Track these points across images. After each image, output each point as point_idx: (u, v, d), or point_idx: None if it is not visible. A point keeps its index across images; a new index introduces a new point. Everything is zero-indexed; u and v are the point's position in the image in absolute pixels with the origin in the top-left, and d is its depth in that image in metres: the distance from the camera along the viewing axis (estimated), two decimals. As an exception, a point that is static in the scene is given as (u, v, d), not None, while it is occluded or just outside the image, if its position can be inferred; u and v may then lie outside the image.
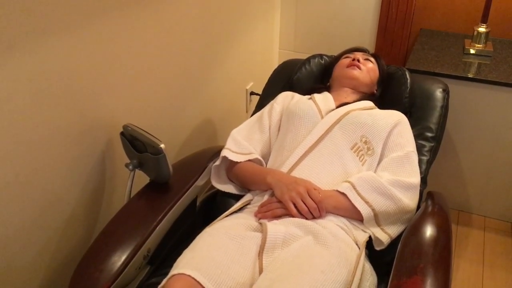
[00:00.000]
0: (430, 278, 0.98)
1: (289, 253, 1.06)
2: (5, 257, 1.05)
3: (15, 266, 1.08)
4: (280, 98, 1.51)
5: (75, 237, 1.25)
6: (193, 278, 0.94)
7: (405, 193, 1.23)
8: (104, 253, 1.05)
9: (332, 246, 1.07)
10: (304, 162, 1.28)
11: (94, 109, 1.22)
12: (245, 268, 1.03)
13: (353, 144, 1.30)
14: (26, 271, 1.11)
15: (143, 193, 1.23)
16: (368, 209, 1.18)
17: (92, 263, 1.04)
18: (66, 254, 1.23)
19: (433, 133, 1.46)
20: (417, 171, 1.29)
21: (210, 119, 1.89)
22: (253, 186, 1.32)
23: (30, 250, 1.11)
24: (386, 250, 1.21)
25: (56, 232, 1.18)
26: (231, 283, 0.98)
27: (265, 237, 1.09)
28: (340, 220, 1.19)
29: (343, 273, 1.01)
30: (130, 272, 1.06)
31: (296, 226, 1.14)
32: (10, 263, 1.06)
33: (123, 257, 1.04)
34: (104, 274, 1.01)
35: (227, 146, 1.39)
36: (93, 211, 1.30)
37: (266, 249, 1.08)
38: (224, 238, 1.07)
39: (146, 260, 1.11)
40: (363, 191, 1.20)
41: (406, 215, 1.23)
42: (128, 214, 1.16)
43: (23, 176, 1.05)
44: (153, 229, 1.12)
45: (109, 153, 1.32)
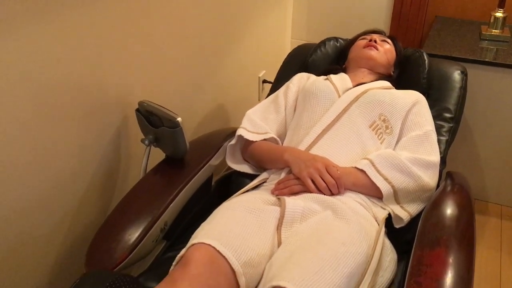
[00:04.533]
0: (454, 250, 0.95)
1: (308, 226, 1.05)
2: (24, 228, 1.04)
3: (34, 237, 1.07)
4: (296, 78, 1.49)
5: (91, 212, 1.24)
6: (213, 247, 0.92)
7: (425, 171, 1.20)
8: (121, 224, 1.04)
9: (351, 220, 1.05)
10: (321, 141, 1.26)
11: (110, 87, 1.21)
12: (264, 240, 1.01)
13: (372, 122, 1.28)
14: (44, 242, 1.10)
15: (159, 169, 1.22)
16: (387, 186, 1.16)
17: (109, 234, 1.03)
18: (82, 227, 1.22)
19: (452, 114, 1.44)
20: (436, 149, 1.26)
21: (222, 105, 1.88)
22: (270, 165, 1.31)
23: (48, 223, 1.10)
24: (406, 228, 1.18)
25: (72, 206, 1.17)
26: (251, 254, 0.96)
27: (284, 210, 1.07)
28: (359, 197, 1.17)
29: (364, 247, 0.99)
30: (147, 244, 1.05)
31: (314, 202, 1.12)
32: (29, 234, 1.05)
33: (140, 228, 1.03)
34: (122, 245, 1.00)
35: (243, 126, 1.37)
36: (109, 187, 1.29)
37: (285, 223, 1.07)
38: (243, 211, 1.06)
39: (163, 233, 1.10)
40: (382, 168, 1.18)
41: (426, 193, 1.20)
42: (145, 188, 1.15)
43: (41, 150, 1.04)
44: (170, 202, 1.11)
45: (124, 131, 1.31)
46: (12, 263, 1.02)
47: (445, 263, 0.92)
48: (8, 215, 0.99)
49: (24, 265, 1.06)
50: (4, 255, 1.00)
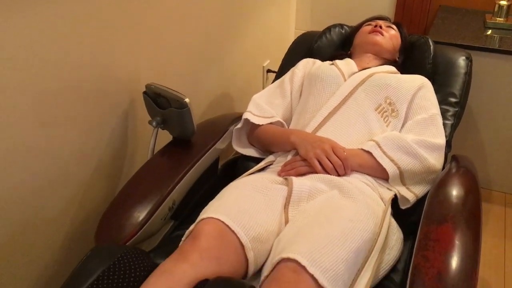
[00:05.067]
0: (461, 226, 0.96)
1: (315, 205, 1.05)
2: (33, 210, 1.05)
3: (43, 219, 1.08)
4: (301, 64, 1.50)
5: (98, 193, 1.25)
6: (222, 221, 0.93)
7: (431, 153, 1.21)
8: (130, 202, 1.05)
9: (358, 199, 1.06)
10: (328, 124, 1.27)
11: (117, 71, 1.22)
12: (271, 218, 1.02)
13: (378, 105, 1.29)
14: (53, 224, 1.11)
15: (166, 150, 1.23)
16: (393, 167, 1.17)
17: (119, 211, 1.04)
18: (90, 209, 1.23)
19: (457, 99, 1.45)
20: (442, 132, 1.27)
21: (227, 94, 1.89)
22: (276, 147, 1.31)
23: (56, 204, 1.11)
24: (411, 210, 1.19)
25: (80, 187, 1.18)
26: (259, 229, 0.97)
27: (291, 190, 1.08)
28: (365, 178, 1.18)
29: (370, 224, 0.99)
30: (156, 222, 1.05)
31: (321, 182, 1.12)
32: (38, 215, 1.06)
33: (149, 206, 1.04)
34: (131, 221, 1.01)
35: (249, 110, 1.38)
36: (116, 169, 1.30)
37: (292, 202, 1.07)
38: (250, 189, 1.06)
39: (171, 212, 1.11)
40: (388, 149, 1.18)
41: (432, 175, 1.21)
42: (153, 168, 1.16)
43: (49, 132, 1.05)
44: (178, 181, 1.12)
45: (131, 114, 1.32)
46: (21, 244, 1.03)
47: (452, 238, 0.93)
48: (16, 197, 1.00)
49: (33, 246, 1.07)
50: (13, 237, 1.01)
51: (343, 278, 0.87)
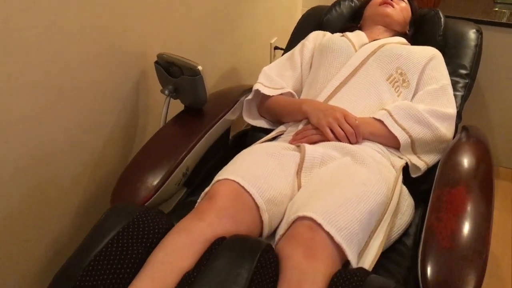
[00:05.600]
0: (474, 190, 0.97)
1: (328, 171, 1.06)
2: (51, 171, 1.06)
3: (58, 183, 1.09)
4: (311, 36, 1.50)
5: (112, 160, 1.26)
6: (237, 183, 0.94)
7: (442, 123, 1.21)
8: (145, 167, 1.06)
9: (370, 165, 1.06)
10: (339, 94, 1.27)
11: (127, 41, 1.22)
12: (285, 182, 1.03)
13: (389, 75, 1.29)
14: (68, 188, 1.12)
15: (178, 118, 1.23)
16: (405, 135, 1.17)
17: (134, 175, 1.05)
18: (105, 175, 1.24)
19: (467, 71, 1.45)
20: (453, 102, 1.27)
21: (235, 69, 1.89)
22: (287, 118, 1.32)
23: (71, 168, 1.12)
24: (422, 178, 1.20)
25: (93, 155, 1.18)
26: (274, 192, 0.98)
27: (303, 156, 1.09)
28: (376, 146, 1.19)
29: (383, 188, 1.00)
30: (170, 187, 1.06)
31: (333, 149, 1.13)
32: (53, 179, 1.07)
33: (164, 171, 1.05)
34: (146, 185, 1.02)
35: (259, 81, 1.38)
36: (128, 138, 1.31)
37: (304, 168, 1.08)
38: (263, 155, 1.07)
39: (185, 178, 1.12)
40: (399, 118, 1.19)
41: (442, 144, 1.22)
42: (166, 135, 1.17)
43: (65, 97, 1.05)
44: (191, 148, 1.13)
45: (142, 85, 1.32)
46: (37, 208, 1.04)
47: (465, 200, 0.94)
48: (32, 161, 1.01)
49: (48, 210, 1.08)
50: (29, 200, 1.02)
51: (357, 238, 0.88)
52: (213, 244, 0.83)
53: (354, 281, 0.74)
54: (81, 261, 0.78)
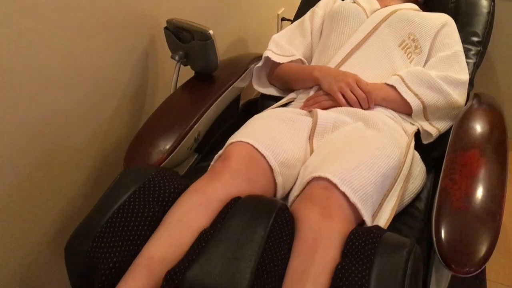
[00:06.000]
0: (488, 153, 0.96)
1: (340, 135, 1.06)
2: (64, 133, 1.06)
3: (69, 147, 1.09)
4: (322, 3, 1.48)
5: (122, 126, 1.25)
6: (251, 145, 0.94)
7: (454, 89, 1.20)
8: (157, 131, 1.06)
9: (383, 130, 1.06)
10: (350, 60, 1.26)
11: (136, 7, 1.20)
12: (297, 146, 1.03)
13: (401, 41, 1.28)
14: (79, 153, 1.12)
15: (189, 84, 1.23)
16: (417, 101, 1.17)
17: (145, 141, 1.04)
18: (116, 142, 1.23)
19: (480, 38, 1.43)
20: (465, 69, 1.26)
21: (243, 39, 1.87)
22: (298, 84, 1.31)
23: (83, 133, 1.12)
24: (433, 145, 1.20)
25: (105, 120, 1.18)
26: (287, 156, 0.97)
27: (316, 121, 1.08)
28: (388, 112, 1.18)
29: (396, 152, 1.00)
30: (182, 151, 1.06)
31: (345, 114, 1.13)
32: (64, 143, 1.07)
33: (176, 135, 1.05)
34: (159, 149, 1.02)
35: (269, 48, 1.37)
36: (138, 106, 1.30)
37: (317, 133, 1.08)
38: (276, 119, 1.07)
39: (196, 143, 1.12)
40: (412, 84, 1.18)
41: (454, 110, 1.21)
42: (176, 100, 1.16)
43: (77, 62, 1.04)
44: (203, 113, 1.12)
45: (152, 52, 1.31)
46: (48, 173, 1.04)
47: (480, 163, 0.94)
48: (44, 125, 1.00)
49: (60, 175, 1.08)
50: (40, 164, 1.02)
51: (372, 199, 0.88)
52: (229, 203, 0.83)
53: (371, 237, 0.74)
54: (98, 220, 0.78)
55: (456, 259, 0.79)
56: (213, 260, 0.72)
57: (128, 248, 0.76)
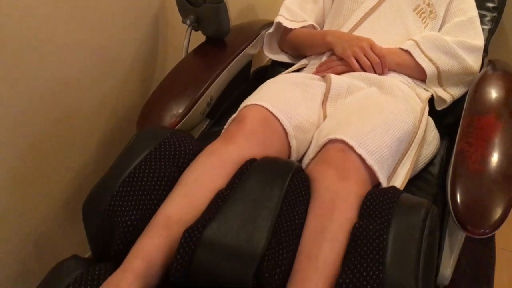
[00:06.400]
0: (505, 117, 0.95)
1: (354, 100, 1.05)
2: (75, 99, 1.06)
3: (81, 111, 1.08)
4: (334, -33, 1.44)
5: (133, 92, 1.25)
6: (265, 108, 0.93)
7: (469, 54, 1.19)
8: (170, 95, 1.05)
9: (397, 95, 1.05)
10: (363, 25, 1.24)
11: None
12: (311, 110, 1.02)
13: (416, 5, 1.25)
14: (90, 117, 1.12)
15: (200, 49, 1.21)
16: (432, 66, 1.15)
17: (159, 104, 1.04)
18: (127, 107, 1.23)
19: (495, 4, 1.40)
20: (480, 34, 1.24)
21: (254, 5, 1.83)
22: (310, 50, 1.29)
23: (94, 97, 1.11)
24: (447, 112, 1.19)
25: (116, 85, 1.17)
26: (301, 119, 0.97)
27: (329, 86, 1.07)
28: (402, 77, 1.17)
29: (411, 117, 0.99)
30: (195, 115, 1.06)
31: (359, 79, 1.11)
32: (76, 107, 1.07)
33: (189, 99, 1.04)
34: (172, 113, 1.01)
35: (281, 14, 1.34)
36: (149, 70, 1.29)
37: (330, 98, 1.07)
38: (289, 84, 1.06)
39: (209, 108, 1.11)
40: (427, 49, 1.16)
41: (469, 76, 1.19)
42: (189, 65, 1.15)
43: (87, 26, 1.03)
44: (215, 78, 1.11)
45: (162, 18, 1.29)
46: (60, 136, 1.04)
47: (496, 127, 0.93)
48: (54, 91, 0.99)
49: (71, 140, 1.08)
50: (52, 128, 1.01)
51: (387, 162, 0.88)
52: (244, 165, 0.83)
53: (388, 197, 0.74)
54: (115, 179, 0.78)
55: (472, 220, 0.79)
56: (230, 219, 0.72)
57: (145, 207, 0.77)
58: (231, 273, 0.69)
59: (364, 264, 0.65)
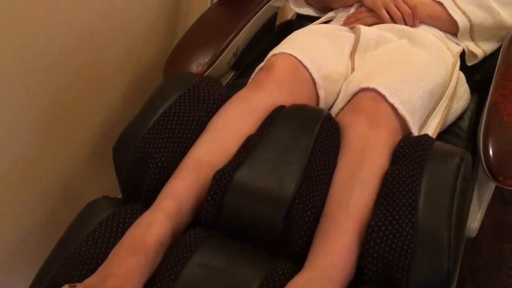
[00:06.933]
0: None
1: (384, 51, 1.02)
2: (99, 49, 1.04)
3: (107, 59, 1.07)
4: None
5: (158, 42, 1.23)
6: (294, 57, 0.91)
7: (504, 8, 1.14)
8: (195, 45, 1.04)
9: (429, 47, 1.02)
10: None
11: None
12: (340, 61, 1.00)
13: (449, -44, 1.20)
14: (116, 66, 1.11)
15: (225, 0, 1.18)
16: (464, 19, 1.11)
17: (185, 53, 1.03)
18: (152, 55, 1.22)
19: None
20: (516, -12, 1.19)
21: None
22: (337, 2, 1.25)
23: (118, 47, 1.10)
24: (477, 68, 1.16)
25: (139, 36, 1.16)
26: (329, 69, 0.95)
27: (358, 37, 1.05)
28: (434, 30, 1.13)
29: (442, 70, 0.97)
30: (221, 65, 1.05)
31: (389, 31, 1.08)
32: (102, 54, 1.06)
33: (215, 49, 1.03)
34: (199, 62, 1.00)
35: (305, -35, 1.30)
36: (173, 20, 1.27)
37: (359, 50, 1.05)
38: (317, 34, 1.03)
39: (235, 58, 1.10)
40: (460, 1, 1.12)
41: (502, 31, 1.15)
42: (213, 16, 1.13)
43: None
44: (241, 28, 1.09)
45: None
46: (84, 87, 1.04)
47: (532, 79, 0.90)
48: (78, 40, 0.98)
49: (96, 89, 1.08)
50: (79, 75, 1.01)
51: (419, 113, 0.87)
52: (274, 111, 0.82)
53: (422, 144, 0.73)
54: (145, 122, 0.78)
55: (504, 170, 0.78)
56: (261, 163, 0.72)
57: (175, 149, 0.77)
58: (261, 216, 0.69)
59: (397, 208, 0.65)
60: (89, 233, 0.68)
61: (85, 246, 0.66)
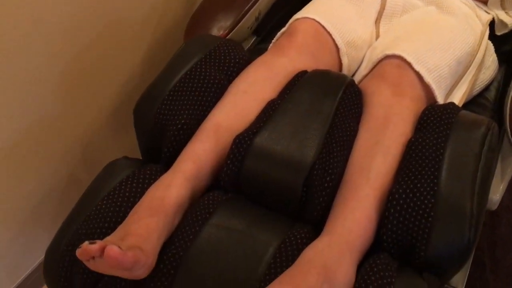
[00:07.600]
0: None
1: (411, 18, 0.99)
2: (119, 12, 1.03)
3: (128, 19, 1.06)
4: None
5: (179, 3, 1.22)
6: (317, 22, 0.89)
7: (538, -24, 1.09)
8: (217, 8, 1.02)
9: (457, 15, 0.98)
10: None
11: None
12: (364, 27, 0.97)
13: None
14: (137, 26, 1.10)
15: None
16: (496, -14, 1.07)
17: (206, 16, 1.01)
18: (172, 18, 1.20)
19: None
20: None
21: None
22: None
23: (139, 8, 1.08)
24: (507, 37, 1.11)
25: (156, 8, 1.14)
26: (353, 36, 0.93)
27: (384, 3, 1.01)
28: (463, -3, 1.09)
29: (471, 39, 0.94)
30: (243, 29, 1.03)
31: (416, -3, 1.05)
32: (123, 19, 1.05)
33: (237, 11, 1.01)
34: (220, 25, 0.98)
35: None
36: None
37: (384, 16, 1.01)
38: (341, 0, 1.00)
39: (257, 22, 1.08)
40: (492, -33, 1.07)
41: (536, 1, 1.10)
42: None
43: None
44: (263, -8, 1.06)
45: None
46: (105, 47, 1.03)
47: None
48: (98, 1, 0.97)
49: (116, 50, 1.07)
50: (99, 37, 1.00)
51: (446, 82, 0.84)
52: (295, 76, 0.81)
53: (447, 112, 0.71)
54: (166, 84, 0.78)
55: (531, 142, 0.76)
56: (281, 128, 0.71)
57: (195, 112, 0.76)
58: (280, 181, 0.69)
59: (419, 176, 0.64)
60: (109, 192, 0.68)
61: (105, 204, 0.67)
